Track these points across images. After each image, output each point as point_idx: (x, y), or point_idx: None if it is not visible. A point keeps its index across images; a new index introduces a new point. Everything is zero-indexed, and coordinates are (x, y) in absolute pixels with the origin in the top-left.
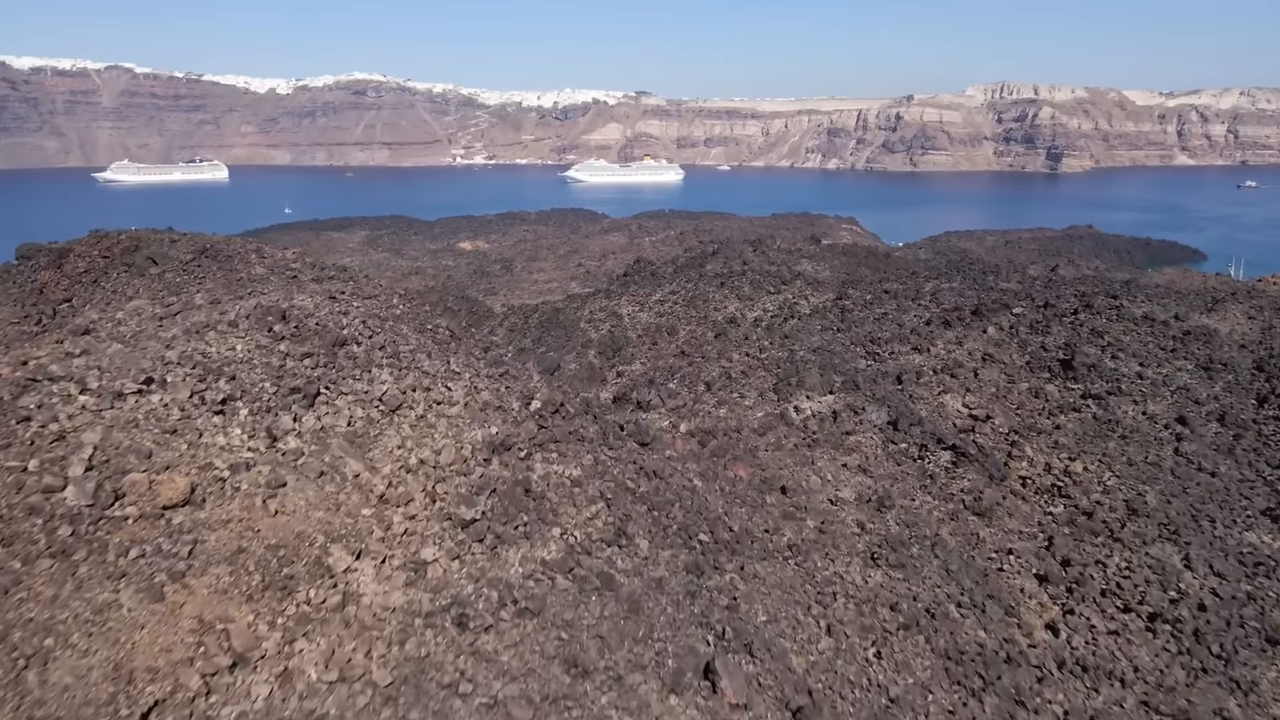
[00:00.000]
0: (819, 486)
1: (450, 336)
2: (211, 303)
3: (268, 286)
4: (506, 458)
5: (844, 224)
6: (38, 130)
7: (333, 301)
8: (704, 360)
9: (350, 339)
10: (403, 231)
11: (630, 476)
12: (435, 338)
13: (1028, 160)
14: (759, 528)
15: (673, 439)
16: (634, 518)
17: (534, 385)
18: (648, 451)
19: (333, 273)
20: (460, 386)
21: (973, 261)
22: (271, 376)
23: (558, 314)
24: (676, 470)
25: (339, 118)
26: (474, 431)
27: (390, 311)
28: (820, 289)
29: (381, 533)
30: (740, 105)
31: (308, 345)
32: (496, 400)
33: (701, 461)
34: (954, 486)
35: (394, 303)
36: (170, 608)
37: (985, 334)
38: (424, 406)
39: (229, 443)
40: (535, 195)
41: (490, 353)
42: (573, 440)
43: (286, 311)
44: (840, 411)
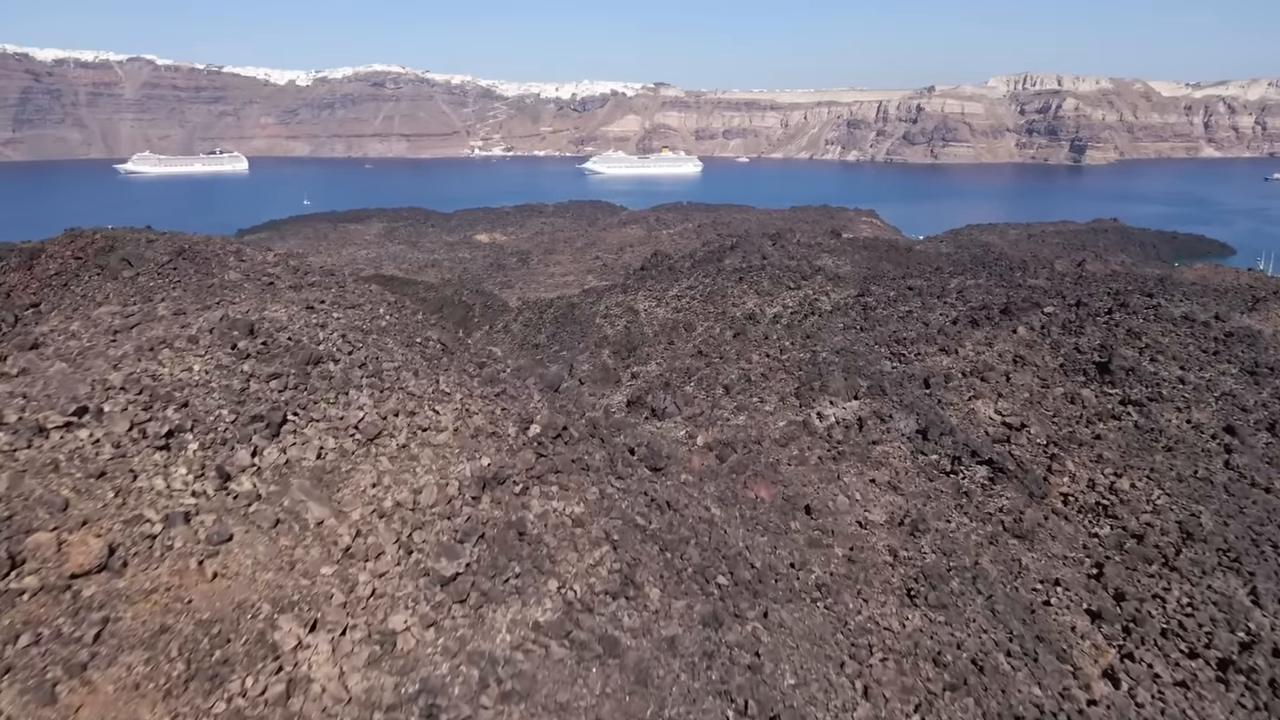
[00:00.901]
0: (846, 507)
1: (442, 350)
2: (175, 313)
3: (240, 295)
4: (499, 494)
5: (864, 217)
6: (61, 122)
7: (310, 312)
8: (722, 361)
9: (326, 356)
10: (420, 223)
11: (640, 510)
12: (425, 352)
13: (1051, 152)
14: (783, 561)
15: (689, 455)
16: (644, 561)
17: (534, 406)
18: (660, 477)
19: (314, 278)
20: (449, 410)
21: (997, 256)
22: (231, 402)
23: (573, 309)
24: (692, 498)
25: (358, 109)
26: (462, 465)
27: (374, 323)
28: (841, 285)
29: (343, 596)
30: (759, 97)
31: (276, 364)
32: (490, 425)
33: (720, 480)
34: (991, 505)
35: (380, 312)
36: (61, 714)
37: (1015, 334)
38: (406, 434)
39: (168, 486)
40: (553, 187)
41: (486, 369)
42: (576, 470)
43: (255, 325)
44: (866, 419)
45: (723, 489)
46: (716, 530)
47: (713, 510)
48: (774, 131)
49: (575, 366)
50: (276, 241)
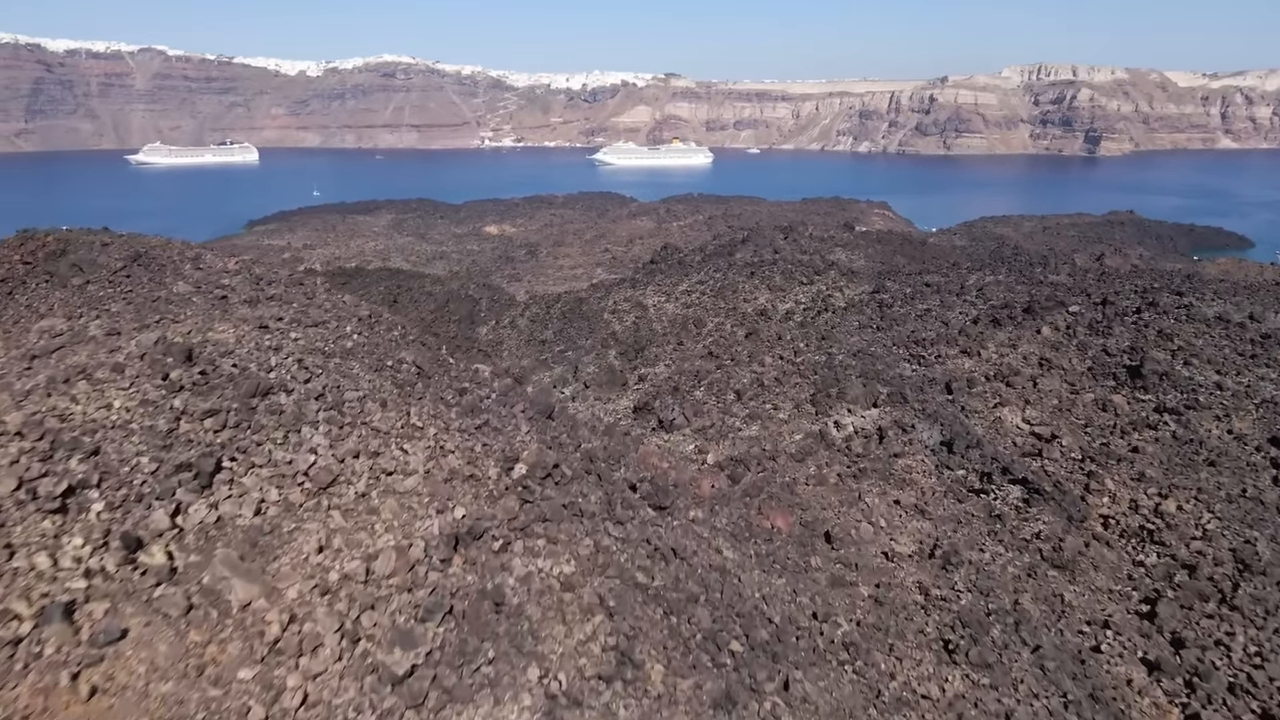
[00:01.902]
0: (870, 535)
1: (417, 374)
2: (109, 333)
3: (186, 311)
4: (474, 553)
5: (876, 209)
6: (73, 113)
7: (262, 333)
8: (733, 364)
9: (277, 386)
10: (429, 215)
11: (642, 564)
12: (396, 378)
13: (1065, 143)
14: (805, 611)
15: (699, 477)
16: (644, 630)
17: (521, 439)
18: (665, 517)
19: (275, 290)
20: (420, 449)
21: (1017, 251)
22: (154, 447)
23: (580, 304)
24: (702, 539)
25: (368, 100)
26: (430, 519)
27: (339, 344)
28: (855, 280)
29: (263, 711)
30: (770, 87)
31: (215, 398)
32: (468, 466)
33: (732, 505)
34: (1026, 530)
35: (346, 330)
36: None
37: (1040, 335)
38: (367, 481)
39: (55, 565)
40: (563, 178)
41: (467, 396)
42: (567, 517)
43: (195, 349)
44: (887, 429)
45: (736, 518)
46: (729, 580)
47: (725, 553)
48: (785, 122)
49: (580, 368)
50: (285, 233)
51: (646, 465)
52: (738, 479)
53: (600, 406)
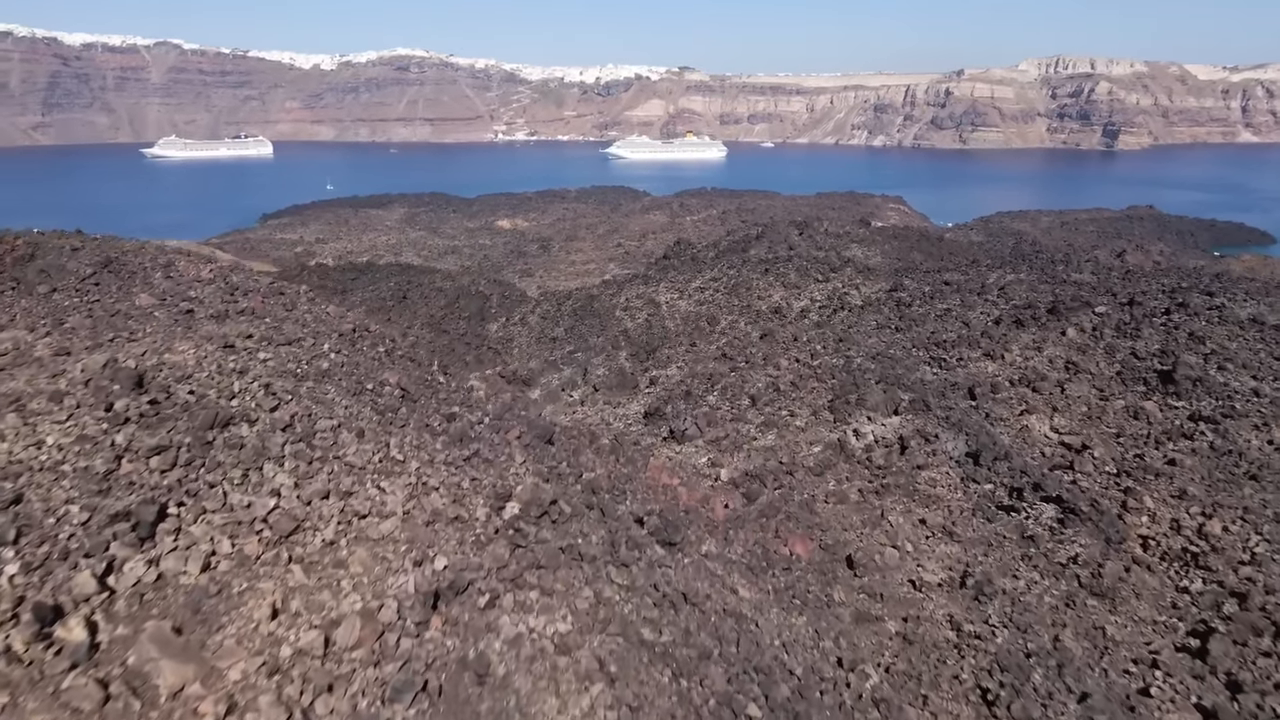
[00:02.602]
0: (896, 561)
1: (401, 398)
2: (57, 353)
3: (148, 327)
4: (456, 612)
5: (891, 203)
6: (89, 106)
7: (227, 353)
8: (748, 366)
9: (239, 415)
10: (441, 209)
11: (648, 614)
12: (377, 403)
13: (1083, 137)
14: (829, 658)
15: (711, 497)
16: (650, 699)
17: (515, 471)
18: (675, 554)
19: (248, 303)
20: (399, 486)
21: (1037, 248)
22: (87, 493)
23: (592, 301)
24: (715, 578)
25: (382, 94)
26: (405, 574)
27: (314, 364)
28: (872, 277)
29: None
30: (785, 81)
31: (165, 431)
32: (453, 506)
33: (748, 528)
34: (1062, 554)
35: (323, 349)
36: None
37: (1065, 337)
38: (336, 526)
39: None
40: (576, 172)
41: (456, 423)
42: (565, 563)
43: (147, 374)
44: (909, 438)
45: (752, 544)
46: (745, 627)
47: (741, 592)
48: (799, 116)
49: (590, 370)
50: (298, 226)
51: (656, 482)
52: (753, 497)
53: (610, 411)
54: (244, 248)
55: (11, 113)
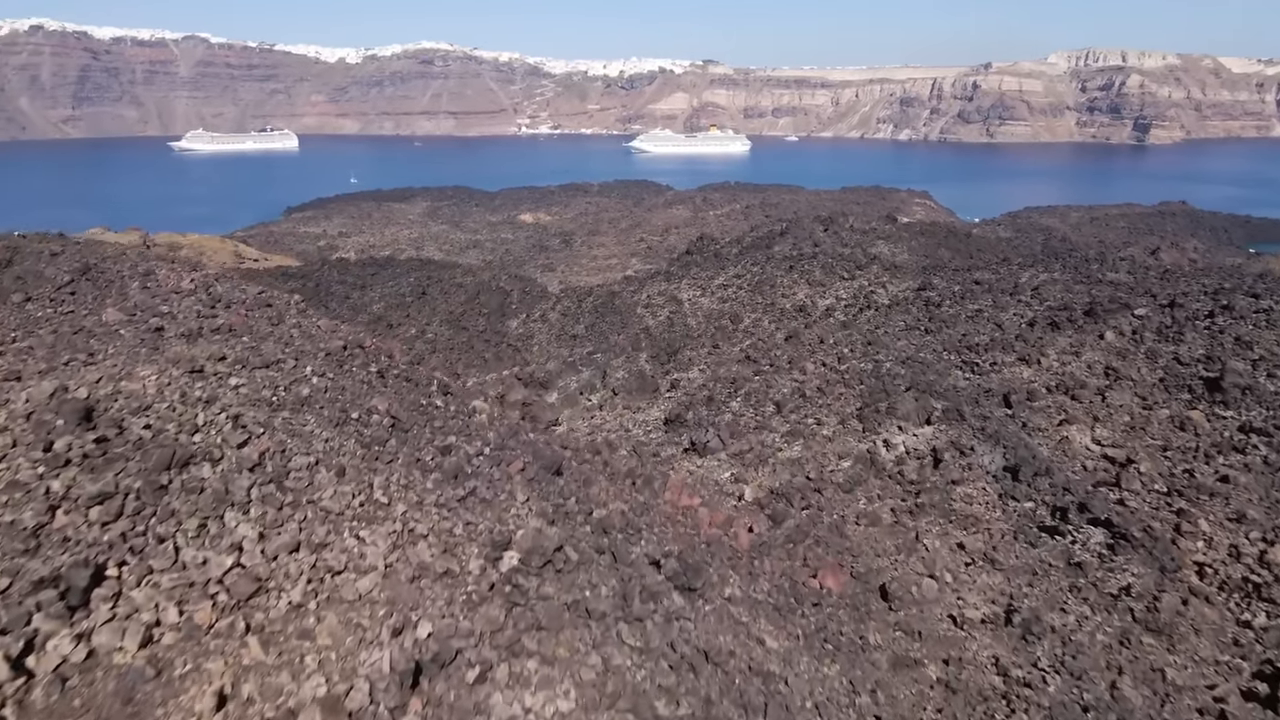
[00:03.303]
0: (934, 593)
1: (390, 428)
2: (6, 378)
3: (110, 347)
4: (439, 690)
5: (917, 198)
6: (118, 100)
7: (195, 379)
8: (773, 370)
9: (200, 454)
10: (464, 203)
11: (664, 681)
12: (362, 435)
13: (1113, 131)
14: (866, 716)
15: (735, 519)
16: None
17: (516, 513)
18: (695, 601)
19: (225, 319)
20: (382, 535)
21: (1070, 245)
22: (9, 554)
23: (614, 298)
24: (740, 630)
25: (406, 87)
26: (379, 650)
27: (293, 391)
28: (899, 275)
29: None
30: (810, 74)
31: (111, 475)
32: (443, 558)
33: (775, 556)
34: (1112, 583)
35: (305, 372)
36: None
37: (1103, 341)
38: (304, 587)
39: None
40: (599, 166)
41: (451, 457)
42: (570, 623)
43: (98, 405)
44: (943, 450)
45: (778, 576)
46: (774, 688)
47: (768, 641)
48: (824, 110)
49: (609, 373)
50: (322, 220)
51: (676, 504)
52: (779, 519)
53: (629, 417)
54: (267, 241)
55: (43, 106)
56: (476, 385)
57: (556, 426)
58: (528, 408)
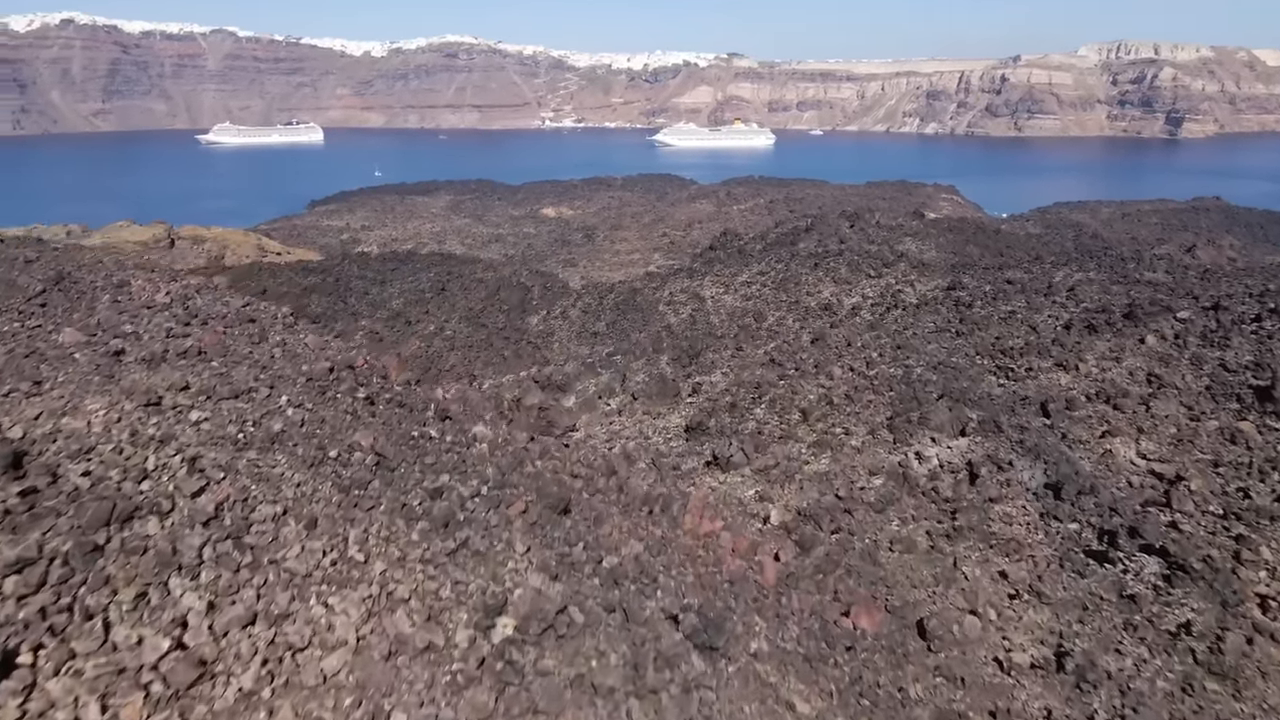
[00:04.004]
0: (976, 632)
1: (375, 467)
2: None
3: (61, 374)
4: None
5: (944, 193)
6: (148, 93)
7: (150, 413)
8: (798, 374)
9: (147, 506)
10: (487, 196)
11: None
12: (341, 476)
13: (1144, 125)
14: None
15: (759, 544)
16: None
17: (514, 567)
18: (716, 663)
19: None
20: (355, 602)
21: (1105, 243)
22: None
23: (635, 294)
24: (769, 695)
25: (431, 80)
26: None
27: (265, 425)
28: (927, 273)
29: None
30: (835, 67)
31: (34, 537)
32: (425, 629)
33: (803, 588)
34: (1170, 619)
35: (281, 402)
36: None
37: (1144, 345)
38: (260, 668)
39: None
40: (622, 159)
41: (441, 501)
42: (575, 701)
43: (31, 449)
44: (979, 465)
45: (808, 618)
46: None
47: (798, 706)
48: (849, 103)
49: (629, 377)
50: (345, 213)
51: (697, 529)
52: (808, 545)
53: (649, 423)
54: (291, 234)
55: (74, 99)
56: (492, 388)
57: (574, 432)
58: (544, 413)
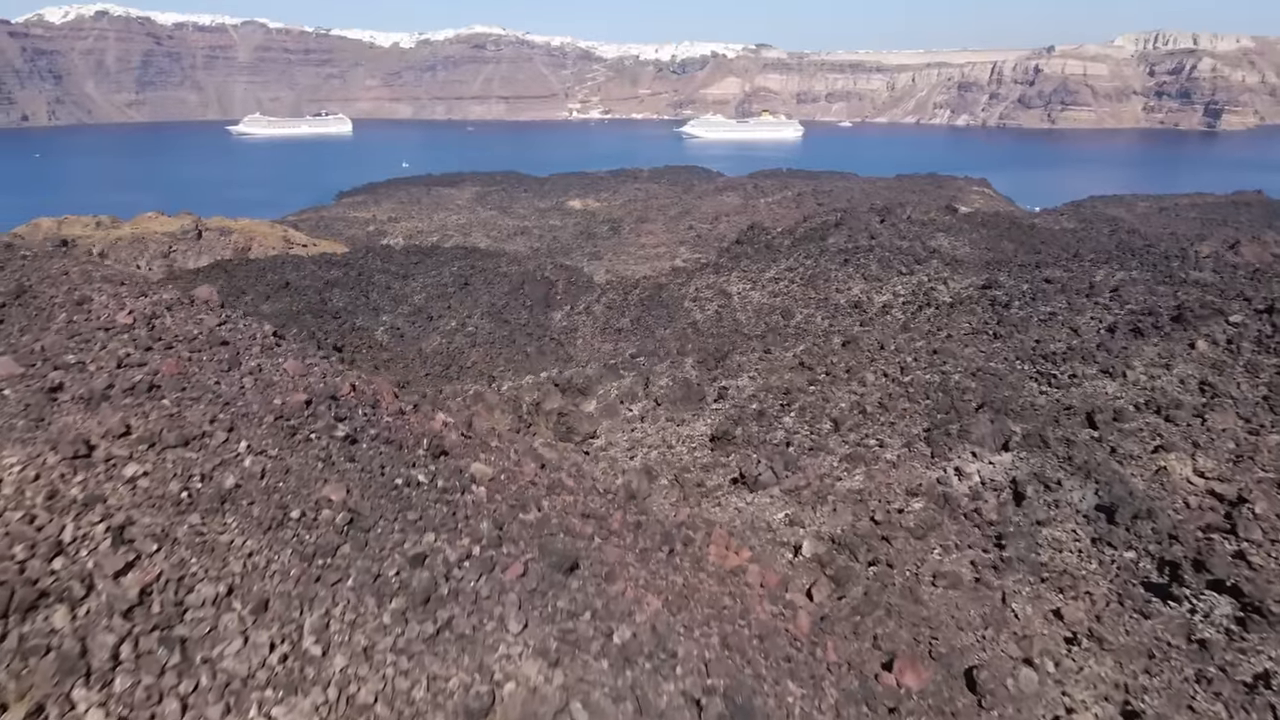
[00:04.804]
0: (1033, 686)
1: (347, 526)
2: None
3: None
4: None
5: (975, 186)
6: (180, 84)
7: (77, 466)
8: (829, 379)
9: (56, 592)
10: (513, 188)
11: None
12: (303, 542)
13: (1182, 117)
14: None
15: (790, 577)
16: None
17: (505, 654)
18: None
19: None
20: (305, 713)
21: (1147, 241)
22: None
23: (660, 290)
24: None
25: (458, 71)
26: None
27: (216, 481)
28: (960, 270)
29: None
30: (865, 58)
31: None
32: None
33: (838, 634)
34: (1246, 669)
35: (238, 450)
36: None
37: (1194, 351)
38: None
39: None
40: (649, 151)
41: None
42: None
43: None
44: (1024, 483)
45: (847, 674)
46: None
47: None
48: (879, 95)
49: (652, 380)
50: (372, 205)
51: (722, 563)
52: (843, 581)
53: (673, 431)
54: (318, 225)
55: (108, 90)
56: (511, 389)
57: (594, 439)
58: (564, 419)
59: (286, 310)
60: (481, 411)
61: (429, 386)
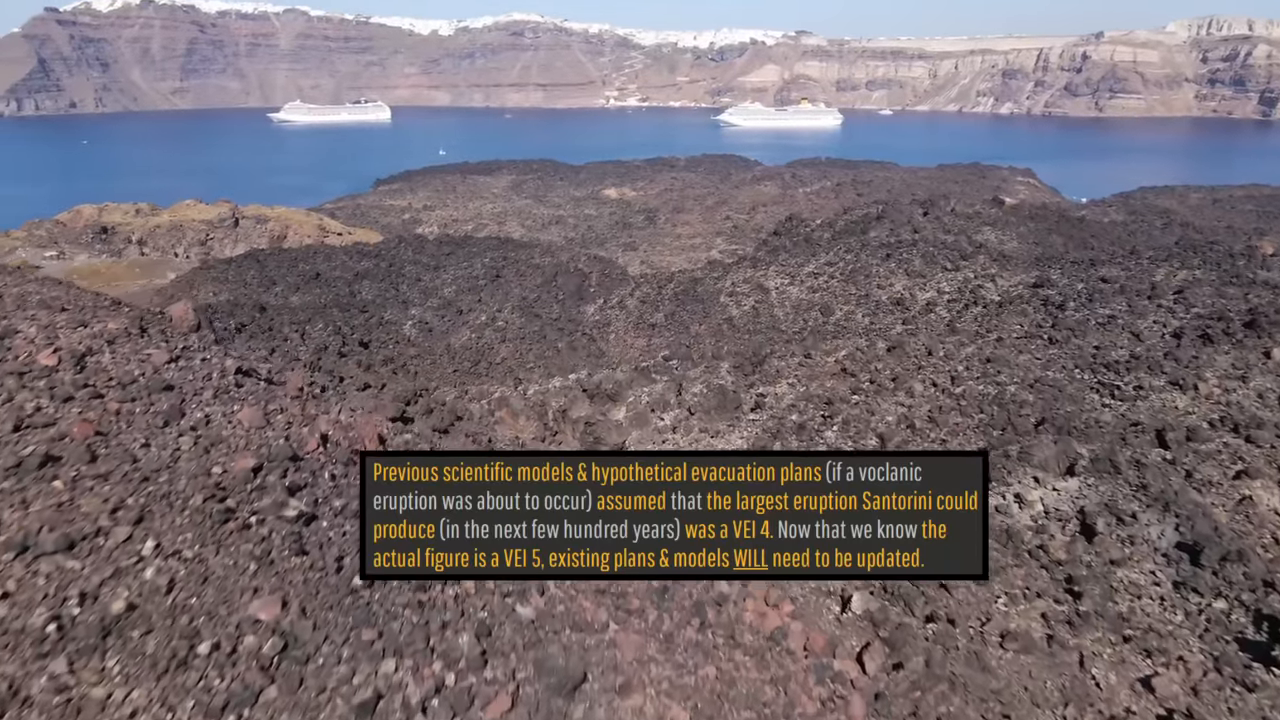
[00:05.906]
0: None
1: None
2: None
3: None
4: None
5: (1019, 176)
6: (223, 72)
7: None
8: (874, 388)
9: None
10: (549, 176)
11: None
12: (208, 693)
13: (1235, 105)
14: None
15: (838, 639)
16: None
17: None
18: None
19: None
20: None
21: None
22: None
23: (696, 284)
24: None
25: (496, 59)
26: None
27: (101, 603)
28: (1009, 267)
29: None
30: (906, 45)
31: None
32: None
33: (895, 715)
34: None
35: (144, 550)
36: None
37: (1270, 361)
38: None
39: None
40: (686, 139)
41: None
42: None
43: None
44: (1094, 515)
45: None
46: None
47: None
48: (920, 82)
49: (685, 386)
50: (408, 193)
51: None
52: (898, 645)
53: (706, 443)
54: (354, 213)
55: (153, 78)
56: (537, 394)
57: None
58: (591, 427)
59: (315, 303)
60: (505, 418)
61: (455, 385)
